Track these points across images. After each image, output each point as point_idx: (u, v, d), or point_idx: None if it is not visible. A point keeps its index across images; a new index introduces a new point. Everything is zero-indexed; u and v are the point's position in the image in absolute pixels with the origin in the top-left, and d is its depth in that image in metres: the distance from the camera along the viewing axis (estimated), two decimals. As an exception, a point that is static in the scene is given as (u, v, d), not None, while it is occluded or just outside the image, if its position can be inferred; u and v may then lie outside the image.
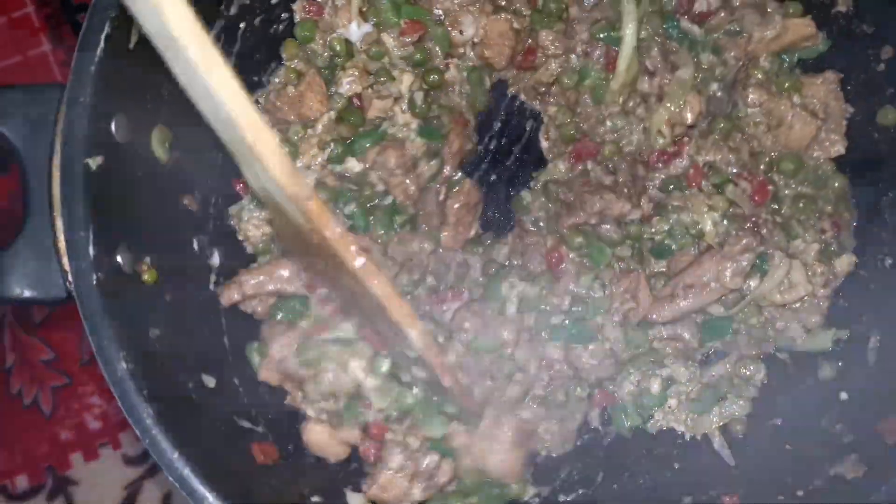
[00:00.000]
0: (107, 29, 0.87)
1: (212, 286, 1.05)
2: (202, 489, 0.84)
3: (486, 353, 1.07)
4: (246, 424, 0.98)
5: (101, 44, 0.86)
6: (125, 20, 0.88)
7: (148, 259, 0.93)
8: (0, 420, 1.86)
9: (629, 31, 1.10)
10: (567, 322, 1.10)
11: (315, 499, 0.97)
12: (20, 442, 1.85)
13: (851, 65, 1.12)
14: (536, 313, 1.10)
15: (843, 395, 1.04)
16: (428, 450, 1.01)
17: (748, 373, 1.11)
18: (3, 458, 1.84)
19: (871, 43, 1.08)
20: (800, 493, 0.97)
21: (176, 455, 0.84)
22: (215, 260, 1.07)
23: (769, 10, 1.13)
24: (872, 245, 1.10)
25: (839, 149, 1.13)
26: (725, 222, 1.10)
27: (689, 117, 1.11)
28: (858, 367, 1.05)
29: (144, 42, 0.89)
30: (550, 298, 1.11)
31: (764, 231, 1.10)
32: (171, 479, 0.83)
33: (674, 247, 1.12)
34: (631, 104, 1.14)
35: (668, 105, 1.11)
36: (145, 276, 0.93)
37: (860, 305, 1.09)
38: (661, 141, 1.12)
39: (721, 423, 1.10)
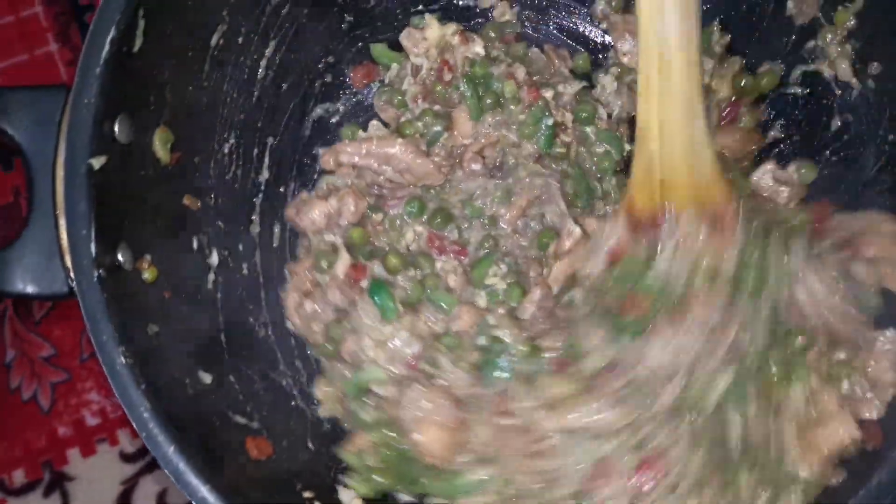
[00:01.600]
0: (112, 32, 0.89)
1: (210, 285, 1.07)
2: (196, 481, 0.86)
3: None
4: (241, 420, 1.00)
5: (107, 46, 0.88)
6: (131, 24, 0.91)
7: (149, 257, 0.95)
8: (-1, 415, 1.87)
9: None
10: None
11: (307, 494, 0.99)
12: (18, 436, 1.86)
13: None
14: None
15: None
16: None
17: None
18: (1, 452, 1.85)
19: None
20: (781, 496, 0.99)
21: (172, 449, 0.86)
22: (214, 259, 1.08)
23: None
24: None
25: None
26: None
27: None
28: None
29: (149, 45, 0.93)
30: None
31: None
32: (166, 471, 0.85)
33: None
34: None
35: None
36: (146, 274, 0.95)
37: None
38: None
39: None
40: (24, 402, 1.88)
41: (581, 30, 1.30)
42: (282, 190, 1.23)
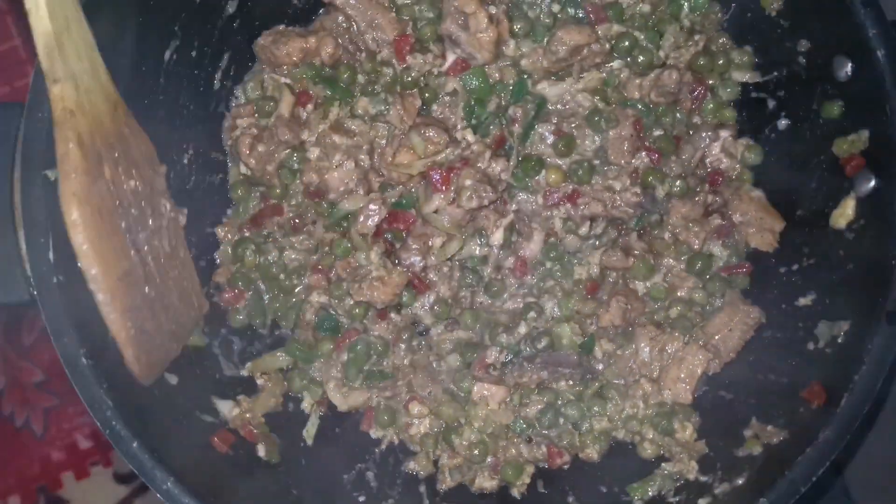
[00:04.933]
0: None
1: (174, 290, 1.10)
2: (161, 475, 0.88)
3: None
4: (208, 418, 1.03)
5: (58, 63, 0.91)
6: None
7: (110, 264, 0.97)
8: (-7, 443, 1.88)
9: None
10: None
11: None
12: (12, 463, 1.86)
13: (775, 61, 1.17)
14: None
15: (772, 377, 1.08)
16: None
17: None
18: (-3, 480, 1.86)
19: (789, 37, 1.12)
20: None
21: (135, 444, 0.88)
22: (179, 263, 1.11)
23: None
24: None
25: None
26: None
27: None
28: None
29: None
30: None
31: None
32: (130, 465, 0.87)
33: None
34: None
35: None
36: (109, 280, 0.97)
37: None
38: None
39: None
40: (17, 429, 1.89)
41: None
42: (244, 200, 1.25)
